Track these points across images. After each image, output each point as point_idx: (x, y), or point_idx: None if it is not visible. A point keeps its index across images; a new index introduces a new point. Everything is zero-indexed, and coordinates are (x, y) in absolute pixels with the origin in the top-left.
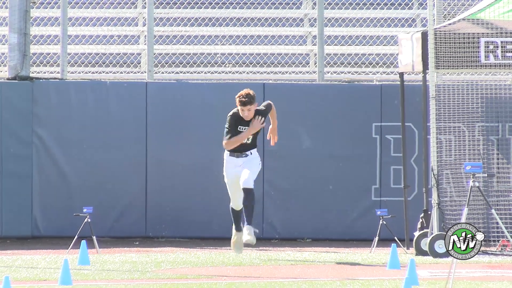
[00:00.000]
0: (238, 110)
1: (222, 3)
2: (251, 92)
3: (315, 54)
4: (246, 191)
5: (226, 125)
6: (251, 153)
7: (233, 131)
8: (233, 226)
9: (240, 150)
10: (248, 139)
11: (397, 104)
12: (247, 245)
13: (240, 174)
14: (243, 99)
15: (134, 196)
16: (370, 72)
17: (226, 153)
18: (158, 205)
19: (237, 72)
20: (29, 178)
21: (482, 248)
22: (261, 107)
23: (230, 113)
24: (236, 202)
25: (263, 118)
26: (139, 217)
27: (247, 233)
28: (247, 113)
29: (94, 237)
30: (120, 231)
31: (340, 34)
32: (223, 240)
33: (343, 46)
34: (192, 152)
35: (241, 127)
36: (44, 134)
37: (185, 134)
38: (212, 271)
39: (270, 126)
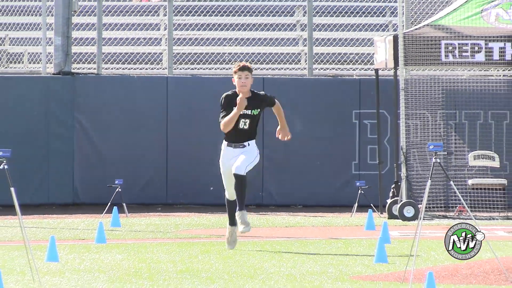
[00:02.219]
0: (231, 92)
1: (229, 12)
2: (249, 64)
3: (305, 54)
4: (237, 177)
5: (220, 108)
6: (248, 144)
7: (227, 112)
8: (228, 222)
9: (237, 140)
10: (245, 125)
11: (373, 94)
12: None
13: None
14: (241, 64)
15: (157, 170)
16: (351, 69)
17: (224, 144)
18: (177, 177)
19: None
20: (71, 155)
21: (442, 213)
22: (261, 92)
23: (223, 95)
24: (231, 193)
25: (257, 111)
26: (161, 187)
27: (240, 222)
28: (244, 80)
29: (124, 204)
30: (145, 199)
31: (326, 37)
32: None
33: (329, 47)
34: (205, 133)
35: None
36: (83, 119)
37: (198, 118)
38: (221, 231)
39: (278, 127)
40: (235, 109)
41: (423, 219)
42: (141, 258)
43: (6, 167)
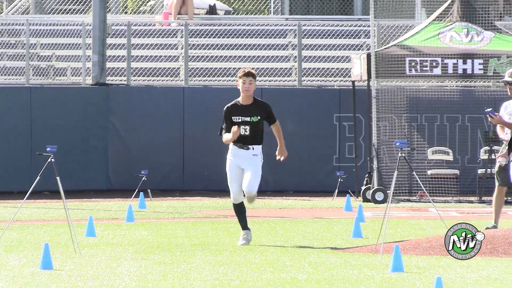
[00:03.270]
0: (230, 104)
1: (234, 34)
2: (253, 71)
3: (296, 69)
4: (250, 199)
5: (222, 119)
6: (253, 148)
7: (227, 125)
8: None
9: (241, 141)
10: (245, 131)
11: (350, 101)
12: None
13: (240, 166)
14: (246, 70)
15: (175, 162)
16: (332, 80)
17: (231, 147)
18: (191, 168)
19: None
20: (106, 150)
21: (407, 197)
22: (265, 102)
23: (224, 108)
24: (234, 193)
25: (256, 118)
26: (178, 176)
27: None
28: (247, 85)
29: (148, 190)
30: (166, 186)
31: (312, 55)
32: None
33: (314, 63)
34: (214, 132)
35: (235, 117)
36: (115, 121)
37: (209, 120)
38: (227, 212)
39: (278, 148)
40: (230, 135)
41: (391, 202)
42: (162, 234)
43: (53, 160)
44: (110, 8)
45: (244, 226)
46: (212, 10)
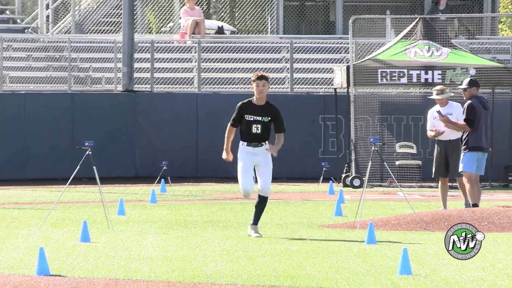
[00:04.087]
0: (246, 101)
1: (238, 50)
2: (266, 74)
3: (288, 78)
4: (263, 199)
5: (235, 112)
6: (263, 144)
7: (237, 119)
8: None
9: (254, 141)
10: (257, 129)
11: (332, 105)
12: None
13: (255, 162)
14: (260, 74)
15: (190, 154)
16: (318, 88)
17: (242, 143)
18: (203, 159)
19: (246, 88)
20: (133, 145)
21: (379, 183)
22: (276, 108)
23: (240, 103)
24: (243, 187)
25: (267, 118)
26: (192, 166)
27: (251, 230)
28: (261, 87)
29: (168, 177)
30: (182, 174)
31: (302, 67)
32: None
33: (304, 73)
34: (223, 129)
35: (248, 115)
36: (141, 121)
37: (218, 120)
38: (233, 195)
39: (274, 146)
40: (225, 146)
41: (366, 187)
42: (179, 213)
43: (90, 153)
44: (137, 29)
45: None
46: (220, 30)
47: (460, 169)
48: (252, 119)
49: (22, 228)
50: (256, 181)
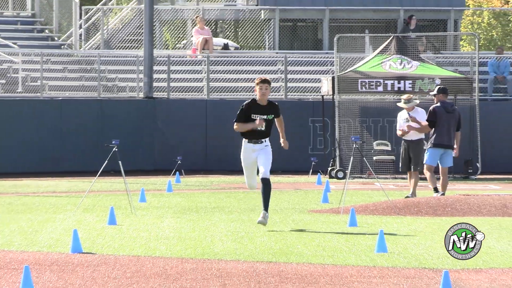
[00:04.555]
0: (250, 101)
1: (241, 63)
2: (268, 78)
3: (283, 87)
4: (264, 181)
5: (239, 110)
6: (265, 141)
7: (242, 116)
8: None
9: (256, 138)
10: (262, 127)
11: (320, 109)
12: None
13: (256, 159)
14: (262, 78)
15: (201, 151)
16: (308, 95)
17: (244, 141)
18: (212, 155)
19: (248, 95)
20: (152, 142)
21: (359, 175)
22: (275, 103)
23: (245, 103)
24: (249, 183)
25: (271, 116)
26: (203, 161)
27: (261, 217)
28: (264, 91)
29: (182, 170)
30: (194, 167)
31: (294, 77)
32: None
33: (296, 83)
34: (228, 130)
35: (254, 114)
36: (159, 123)
37: (224, 120)
38: (237, 185)
39: (281, 139)
40: (249, 125)
41: (348, 179)
42: (191, 200)
43: (116, 149)
44: (156, 45)
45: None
46: (225, 46)
47: (424, 161)
48: (258, 117)
49: (58, 213)
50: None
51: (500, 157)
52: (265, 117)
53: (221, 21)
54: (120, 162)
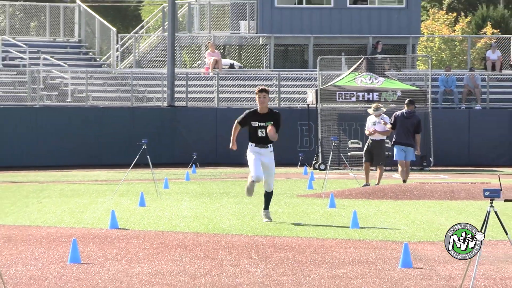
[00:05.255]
0: (252, 110)
1: (243, 79)
2: (267, 87)
3: (277, 98)
4: (268, 193)
5: (243, 115)
6: (270, 146)
7: (242, 121)
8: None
9: (260, 142)
10: (262, 133)
11: (306, 115)
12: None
13: (259, 159)
14: (261, 87)
15: (212, 148)
16: (297, 104)
17: (251, 144)
18: (221, 151)
19: (249, 104)
20: (173, 142)
21: (337, 167)
22: (276, 112)
23: (247, 111)
24: (256, 174)
25: (269, 123)
26: (214, 155)
27: (264, 215)
28: (262, 99)
29: (197, 163)
30: (206, 161)
31: (286, 90)
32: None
33: (288, 94)
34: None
35: (253, 122)
36: (179, 126)
37: (231, 124)
38: (241, 175)
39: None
40: (232, 137)
41: (328, 170)
42: (204, 187)
43: (145, 147)
44: (177, 64)
45: (258, 179)
46: (231, 66)
47: (394, 158)
48: (257, 125)
49: (99, 197)
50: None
51: (448, 153)
52: (263, 124)
53: (228, 45)
54: (148, 157)
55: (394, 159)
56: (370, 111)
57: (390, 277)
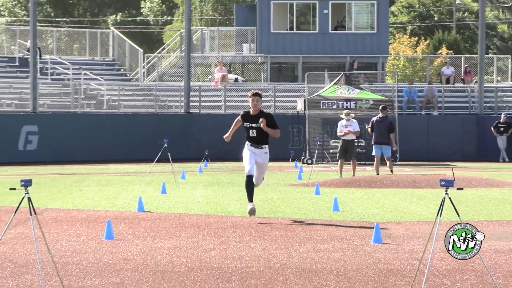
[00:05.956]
0: (245, 111)
1: (246, 90)
2: (259, 92)
3: (272, 105)
4: (256, 185)
5: (240, 115)
6: (263, 147)
7: (240, 119)
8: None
9: (254, 142)
10: (253, 133)
11: (296, 120)
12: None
13: (253, 157)
14: (254, 91)
15: (220, 146)
16: (289, 110)
17: (247, 143)
18: (228, 149)
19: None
20: (188, 141)
21: (321, 162)
22: (268, 113)
23: (242, 112)
24: (249, 170)
25: (265, 120)
26: (222, 152)
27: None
28: (255, 102)
29: (208, 159)
30: (216, 157)
31: (280, 99)
32: None
33: (281, 103)
34: (241, 132)
35: (246, 122)
36: (193, 129)
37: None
38: (244, 169)
39: (264, 122)
40: (231, 129)
41: (314, 164)
42: (214, 177)
43: (166, 146)
44: (192, 79)
45: (250, 199)
46: (236, 80)
47: (372, 154)
48: (248, 125)
49: (129, 186)
50: None
51: (411, 151)
52: (254, 125)
53: (233, 63)
54: (168, 153)
55: (372, 154)
56: (342, 116)
57: (364, 251)
